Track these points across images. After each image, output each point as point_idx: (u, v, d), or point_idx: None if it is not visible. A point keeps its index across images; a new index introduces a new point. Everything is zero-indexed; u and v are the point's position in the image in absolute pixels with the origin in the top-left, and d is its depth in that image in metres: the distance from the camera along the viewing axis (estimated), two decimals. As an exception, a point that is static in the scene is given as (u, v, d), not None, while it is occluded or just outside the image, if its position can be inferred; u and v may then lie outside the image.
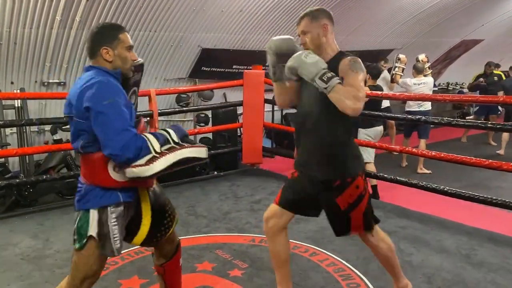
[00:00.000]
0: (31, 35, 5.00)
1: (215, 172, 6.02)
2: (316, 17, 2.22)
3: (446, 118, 4.54)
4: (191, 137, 6.33)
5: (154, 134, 1.90)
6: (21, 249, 3.44)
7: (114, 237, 1.91)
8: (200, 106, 6.48)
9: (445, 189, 4.01)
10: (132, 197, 1.98)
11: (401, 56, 6.49)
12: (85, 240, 1.90)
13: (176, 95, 6.42)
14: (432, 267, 3.12)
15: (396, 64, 6.41)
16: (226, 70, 7.01)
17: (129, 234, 2.04)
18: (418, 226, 3.91)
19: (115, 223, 1.91)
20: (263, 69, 5.72)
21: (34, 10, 4.77)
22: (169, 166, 1.85)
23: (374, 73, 5.12)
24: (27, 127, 5.22)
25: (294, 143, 5.90)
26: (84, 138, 1.89)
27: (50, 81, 5.49)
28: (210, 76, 6.89)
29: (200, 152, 1.94)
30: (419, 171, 5.91)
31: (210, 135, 6.48)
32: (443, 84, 11.13)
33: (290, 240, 3.49)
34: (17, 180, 4.42)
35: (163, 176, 1.91)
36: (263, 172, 5.89)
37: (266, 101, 5.78)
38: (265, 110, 5.88)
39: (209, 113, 6.44)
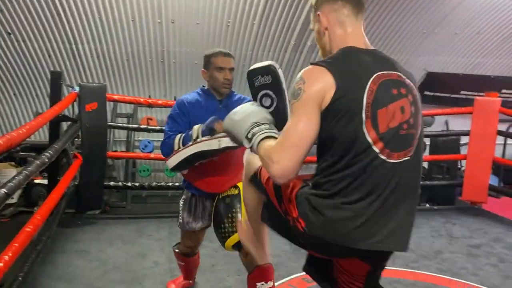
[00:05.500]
0: (268, 58, 5.62)
1: (427, 205, 5.60)
2: (315, 3, 1.50)
3: None
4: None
5: (186, 134, 2.29)
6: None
7: (180, 213, 2.58)
8: (418, 133, 6.15)
9: None
10: (197, 192, 2.50)
11: None
12: None
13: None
14: None
15: None
16: (451, 95, 6.50)
17: None
18: None
19: (183, 203, 2.58)
20: (499, 97, 5.08)
21: (273, 35, 5.36)
22: (181, 162, 2.26)
23: None
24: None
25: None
26: None
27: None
28: (432, 101, 6.49)
29: (210, 144, 2.18)
30: None
31: (425, 164, 6.08)
32: None
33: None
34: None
35: None
36: (485, 213, 5.18)
37: (499, 133, 5.10)
38: (496, 142, 5.20)
39: (427, 140, 6.06)
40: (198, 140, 2.22)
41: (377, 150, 1.30)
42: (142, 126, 4.92)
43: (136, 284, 3.07)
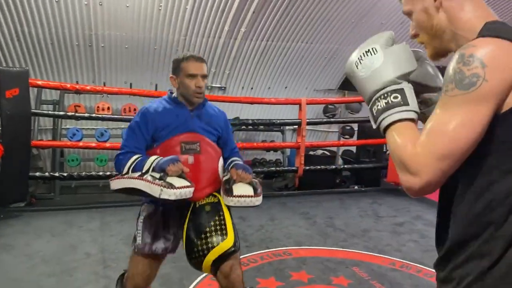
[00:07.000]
0: (202, 44, 5.56)
1: (356, 187, 5.91)
2: None
3: None
4: (334, 149, 6.33)
5: (141, 159, 1.97)
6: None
7: (138, 233, 2.09)
8: (347, 118, 6.43)
9: None
10: (162, 205, 2.07)
11: None
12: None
13: (323, 105, 6.49)
14: None
15: None
16: (378, 83, 6.84)
17: None
18: None
19: (143, 220, 2.10)
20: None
21: (207, 21, 5.31)
22: (121, 190, 1.98)
23: None
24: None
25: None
26: None
27: (213, 85, 6.05)
28: (360, 89, 6.80)
29: (151, 189, 1.84)
30: None
31: (354, 149, 6.39)
32: None
33: (434, 270, 3.27)
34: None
35: (304, 184, 1.86)
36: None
37: (419, 119, 5.47)
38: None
39: (355, 126, 6.36)
40: (145, 176, 1.90)
41: None
42: (69, 114, 4.70)
43: (66, 276, 2.96)
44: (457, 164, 0.90)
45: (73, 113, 4.72)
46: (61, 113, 4.80)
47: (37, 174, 4.46)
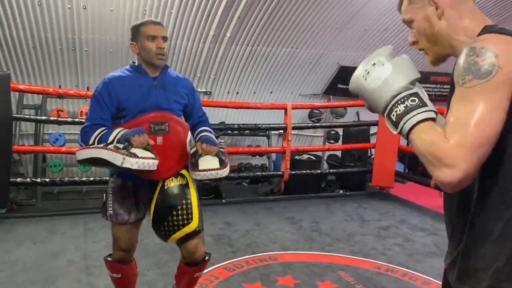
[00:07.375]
0: (187, 48, 5.55)
1: (341, 191, 5.93)
2: None
3: None
4: (319, 153, 6.36)
5: (107, 131, 2.02)
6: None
7: (108, 204, 2.19)
8: (332, 123, 6.47)
9: None
10: (131, 180, 2.16)
11: None
12: None
13: (309, 110, 6.52)
14: None
15: None
16: (362, 88, 6.89)
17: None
18: None
19: (112, 191, 2.19)
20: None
21: (192, 25, 5.30)
22: (86, 160, 2.00)
23: None
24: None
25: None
26: None
27: (199, 90, 6.02)
28: (345, 94, 6.84)
29: (114, 158, 1.88)
30: None
31: (339, 153, 6.43)
32: None
33: (419, 274, 3.30)
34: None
35: (290, 189, 1.91)
36: (392, 197, 5.62)
37: (403, 123, 5.53)
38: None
39: (340, 130, 6.40)
40: (110, 146, 1.93)
41: None
42: (52, 118, 4.63)
43: (48, 284, 2.90)
44: (489, 151, 0.93)
45: (55, 118, 4.64)
46: (43, 117, 4.72)
47: (18, 180, 4.37)
